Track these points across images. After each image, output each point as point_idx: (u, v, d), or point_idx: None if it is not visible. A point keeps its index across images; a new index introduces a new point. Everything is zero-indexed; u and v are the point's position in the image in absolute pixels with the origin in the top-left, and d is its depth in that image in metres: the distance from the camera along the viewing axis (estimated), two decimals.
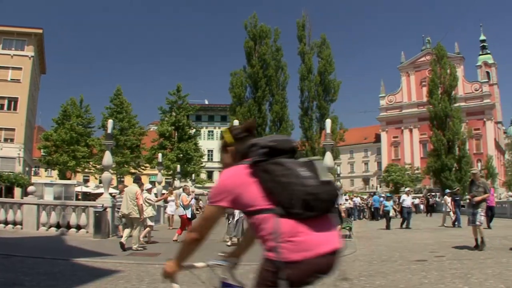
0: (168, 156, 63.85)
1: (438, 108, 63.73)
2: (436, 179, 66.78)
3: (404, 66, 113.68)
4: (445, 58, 67.13)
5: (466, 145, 68.68)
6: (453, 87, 66.13)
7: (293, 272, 2.77)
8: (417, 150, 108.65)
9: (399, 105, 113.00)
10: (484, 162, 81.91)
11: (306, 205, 2.83)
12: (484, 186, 14.67)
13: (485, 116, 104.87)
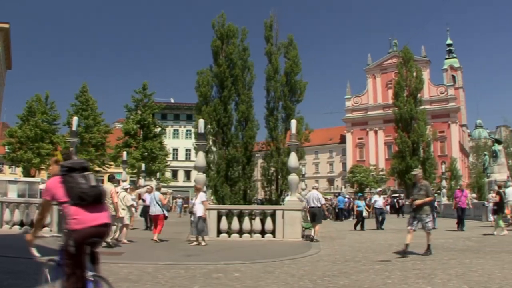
0: (133, 154, 63.51)
1: (403, 110, 64.26)
2: (400, 180, 67.36)
3: (371, 68, 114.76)
4: (412, 61, 67.70)
5: (431, 147, 69.30)
6: (419, 90, 66.72)
7: (76, 236, 5.18)
8: (382, 151, 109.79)
9: (364, 107, 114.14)
10: (448, 164, 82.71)
11: (81, 198, 5.27)
12: (426, 189, 13.93)
13: (450, 119, 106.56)
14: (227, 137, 26.38)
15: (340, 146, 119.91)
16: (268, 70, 28.05)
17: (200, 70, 27.95)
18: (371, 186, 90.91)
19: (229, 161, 25.44)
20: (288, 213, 20.11)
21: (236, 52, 27.66)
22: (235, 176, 25.41)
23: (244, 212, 20.52)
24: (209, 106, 26.50)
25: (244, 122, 26.82)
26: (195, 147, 22.35)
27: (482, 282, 9.13)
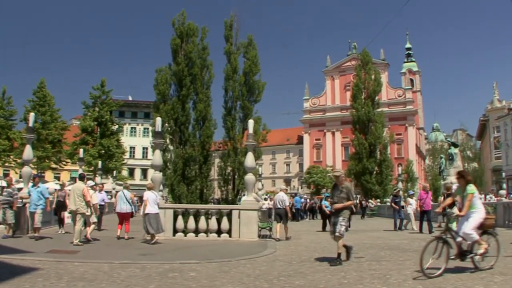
0: (90, 152, 62.90)
1: (361, 112, 64.82)
2: (357, 181, 67.89)
3: (329, 70, 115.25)
4: (370, 64, 68.34)
5: (388, 149, 69.99)
6: (377, 93, 67.35)
7: None
8: (339, 153, 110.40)
9: (322, 108, 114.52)
10: (405, 166, 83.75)
11: None
12: (348, 192, 12.78)
13: (407, 121, 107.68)
14: (184, 136, 26.28)
15: (298, 146, 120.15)
16: (227, 69, 28.02)
17: (159, 68, 27.83)
18: (328, 187, 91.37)
19: (186, 160, 25.35)
20: (245, 213, 20.09)
21: (196, 51, 27.58)
22: (192, 175, 25.35)
23: (200, 212, 20.44)
24: (167, 104, 26.38)
25: (202, 121, 26.76)
26: (152, 146, 22.29)
27: (437, 283, 9.23)
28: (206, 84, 27.67)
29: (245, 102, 27.75)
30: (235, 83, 27.73)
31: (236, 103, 27.97)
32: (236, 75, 28.11)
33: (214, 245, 17.72)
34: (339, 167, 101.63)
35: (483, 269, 10.17)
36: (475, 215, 10.17)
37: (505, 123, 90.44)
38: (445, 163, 43.56)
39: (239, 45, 28.92)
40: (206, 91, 27.35)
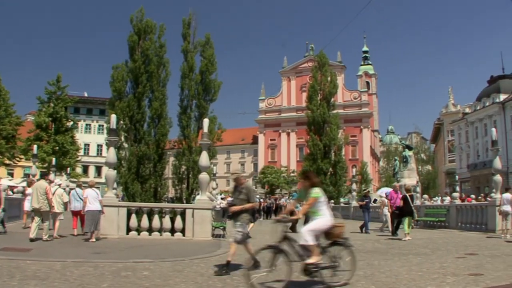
0: (44, 148, 62.05)
1: (316, 113, 64.90)
2: None
3: (286, 71, 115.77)
4: (327, 65, 68.45)
5: (342, 150, 70.34)
6: (333, 94, 67.52)
7: None
8: (294, 153, 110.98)
9: (278, 109, 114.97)
10: (359, 168, 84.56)
11: None
12: (248, 193, 11.85)
13: (363, 124, 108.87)
14: (139, 134, 26.08)
15: (252, 146, 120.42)
16: (183, 68, 27.95)
17: (116, 64, 27.56)
18: (282, 187, 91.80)
19: (140, 158, 25.18)
20: (198, 212, 20.11)
21: (153, 48, 27.43)
22: (146, 174, 25.19)
23: (154, 210, 20.41)
24: (123, 101, 26.15)
25: (157, 119, 26.62)
26: (107, 143, 22.05)
27: (390, 283, 9.40)
28: (162, 82, 27.53)
29: (201, 101, 27.71)
30: (191, 82, 27.68)
31: (192, 101, 27.91)
32: (193, 73, 28.07)
33: (167, 244, 17.73)
34: (294, 167, 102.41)
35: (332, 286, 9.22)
36: (319, 220, 9.19)
37: (460, 127, 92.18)
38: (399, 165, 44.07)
39: (197, 44, 28.87)
40: (162, 89, 27.21)
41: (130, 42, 27.46)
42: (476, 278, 9.80)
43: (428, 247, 16.78)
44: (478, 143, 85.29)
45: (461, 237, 21.16)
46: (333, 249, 9.38)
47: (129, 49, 27.62)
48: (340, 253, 9.42)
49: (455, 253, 14.36)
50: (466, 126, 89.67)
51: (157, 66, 27.21)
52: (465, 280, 9.64)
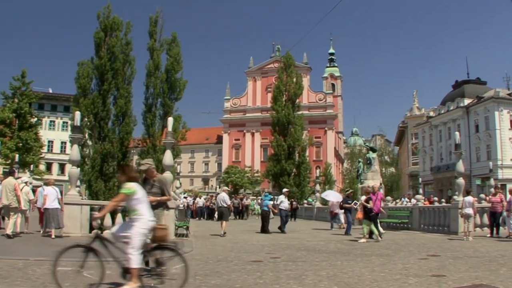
0: (7, 144, 61.15)
1: (281, 114, 64.98)
2: (275, 182, 68.20)
3: (252, 71, 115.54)
4: (293, 66, 68.57)
5: (306, 151, 70.55)
6: (298, 96, 67.65)
7: None
8: (258, 153, 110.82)
9: (243, 109, 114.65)
10: (323, 169, 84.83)
11: None
12: (162, 185, 10.54)
13: (327, 125, 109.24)
14: (103, 132, 25.91)
15: (217, 146, 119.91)
16: (149, 66, 27.90)
17: (81, 61, 27.36)
18: (246, 187, 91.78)
19: (104, 156, 25.02)
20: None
21: (119, 45, 27.28)
22: (109, 172, 25.03)
23: (117, 209, 20.25)
24: (88, 98, 25.98)
25: (122, 117, 26.48)
26: (71, 140, 21.81)
27: (352, 284, 9.39)
28: (128, 80, 27.39)
29: (166, 100, 27.69)
30: (156, 80, 27.65)
31: (157, 100, 27.89)
32: (158, 72, 28.06)
33: None
34: (258, 168, 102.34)
35: None
36: (137, 224, 8.02)
37: (423, 130, 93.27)
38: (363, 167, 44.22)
39: (163, 42, 28.85)
40: (127, 87, 27.07)
41: (96, 38, 27.27)
42: (439, 279, 9.86)
43: (390, 248, 16.84)
44: (442, 146, 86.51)
45: (424, 238, 21.30)
46: (158, 253, 8.45)
47: (95, 45, 27.43)
48: (168, 259, 8.56)
49: (417, 255, 14.47)
50: (430, 130, 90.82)
51: (123, 63, 27.05)
52: (428, 281, 9.69)
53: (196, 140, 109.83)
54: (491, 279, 9.74)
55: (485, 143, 74.19)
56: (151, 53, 28.06)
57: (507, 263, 12.27)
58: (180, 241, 18.30)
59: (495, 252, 14.85)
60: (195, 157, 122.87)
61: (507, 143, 70.54)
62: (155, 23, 28.57)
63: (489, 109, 73.56)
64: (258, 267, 11.63)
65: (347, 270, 11.15)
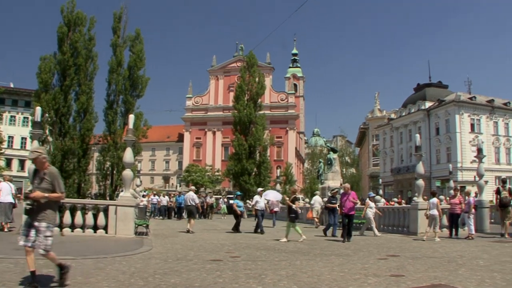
0: None
1: (243, 113, 65.12)
2: (235, 182, 68.32)
3: (215, 70, 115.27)
4: (255, 66, 68.82)
5: (267, 151, 70.87)
6: (260, 95, 67.87)
7: None
8: (219, 152, 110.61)
9: (205, 107, 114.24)
10: (284, 169, 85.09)
11: None
12: (53, 180, 8.66)
13: (288, 125, 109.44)
14: (64, 128, 25.68)
15: (178, 144, 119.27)
16: (111, 62, 27.69)
17: (44, 55, 27.08)
18: (207, 186, 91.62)
19: (65, 153, 24.79)
20: (121, 209, 19.84)
21: (82, 40, 27.09)
22: (70, 169, 24.84)
23: (77, 206, 20.09)
24: (49, 94, 25.73)
25: (83, 114, 26.31)
26: (31, 136, 21.54)
27: (312, 283, 9.41)
28: (90, 76, 27.21)
29: (128, 97, 27.53)
30: (119, 77, 27.46)
31: (119, 97, 27.70)
32: (121, 68, 27.85)
33: (90, 241, 17.49)
34: (219, 166, 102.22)
35: None
36: None
37: (384, 132, 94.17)
38: (323, 168, 44.45)
39: (126, 38, 28.65)
40: (89, 83, 26.89)
41: (60, 33, 27.00)
42: (398, 279, 9.96)
43: (350, 248, 16.93)
44: (402, 148, 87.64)
45: (383, 239, 21.44)
46: None
47: (58, 40, 27.16)
48: None
49: (377, 255, 14.58)
50: (391, 131, 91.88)
51: (86, 59, 26.87)
52: (387, 281, 9.78)
53: (157, 138, 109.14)
54: (450, 279, 9.87)
55: (445, 146, 75.45)
56: (114, 50, 27.83)
57: (466, 263, 12.43)
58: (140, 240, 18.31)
59: (454, 253, 15.04)
60: (156, 155, 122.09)
61: (467, 146, 71.68)
62: (119, 19, 28.35)
63: (450, 112, 74.84)
64: (217, 266, 11.60)
65: (306, 270, 11.18)
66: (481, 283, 9.40)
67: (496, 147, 75.76)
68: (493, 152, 74.71)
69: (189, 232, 23.40)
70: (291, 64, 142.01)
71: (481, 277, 10.13)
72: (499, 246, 17.49)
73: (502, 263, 12.47)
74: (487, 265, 12.13)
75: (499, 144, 76.03)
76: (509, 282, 9.51)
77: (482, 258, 13.55)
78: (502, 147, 76.44)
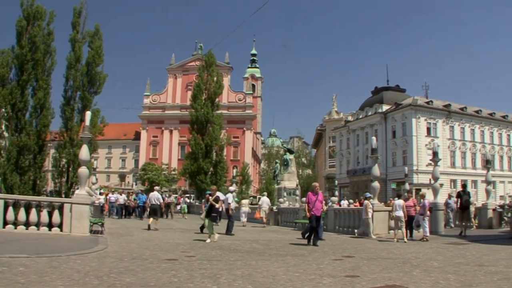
0: None
1: (200, 113, 64.96)
2: (191, 181, 68.12)
3: (173, 68, 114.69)
4: (214, 65, 68.71)
5: (224, 151, 70.84)
6: (218, 95, 67.84)
7: None
8: (176, 151, 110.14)
9: (162, 106, 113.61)
10: (240, 169, 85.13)
11: None
12: None
13: (246, 125, 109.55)
14: (20, 123, 25.38)
15: (134, 142, 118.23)
16: (70, 58, 27.46)
17: (1, 49, 26.69)
18: (163, 185, 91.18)
19: (20, 149, 24.45)
20: (77, 207, 19.55)
21: (41, 35, 26.78)
22: (25, 165, 24.53)
23: (32, 203, 19.78)
24: (6, 88, 25.39)
25: (40, 109, 26.03)
26: None
27: (267, 283, 9.42)
28: (48, 71, 26.93)
29: (85, 93, 27.36)
30: (77, 73, 27.26)
31: (76, 93, 27.49)
32: (79, 64, 27.61)
33: (44, 239, 17.22)
34: (175, 165, 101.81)
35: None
36: None
37: (341, 134, 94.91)
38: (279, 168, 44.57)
39: (85, 34, 28.45)
40: (47, 78, 26.62)
41: (19, 27, 26.67)
42: (353, 279, 10.01)
43: (305, 249, 16.97)
44: (359, 150, 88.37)
45: (339, 240, 21.52)
46: None
47: (16, 34, 26.81)
48: None
49: (332, 255, 14.67)
50: (347, 133, 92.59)
51: (44, 54, 26.60)
52: (342, 281, 9.83)
53: (114, 135, 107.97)
54: (405, 280, 9.99)
55: (402, 149, 76.41)
56: (73, 45, 27.60)
57: (420, 265, 12.58)
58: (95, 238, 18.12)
59: (408, 254, 15.20)
60: (113, 153, 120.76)
61: (423, 150, 72.69)
62: (78, 14, 28.12)
63: (407, 116, 75.67)
64: (173, 266, 11.54)
65: (262, 270, 11.19)
66: (435, 284, 9.55)
67: (451, 151, 77.02)
68: (448, 156, 75.92)
69: (150, 229, 23.75)
70: (250, 65, 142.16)
71: (435, 278, 10.26)
72: (453, 248, 17.71)
73: (456, 264, 12.64)
74: (441, 266, 12.30)
75: (454, 148, 77.32)
76: (462, 283, 9.65)
77: (437, 260, 13.73)
78: (457, 151, 77.81)
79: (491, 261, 13.42)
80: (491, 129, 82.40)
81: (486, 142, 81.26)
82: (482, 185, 57.19)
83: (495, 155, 79.99)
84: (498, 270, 11.62)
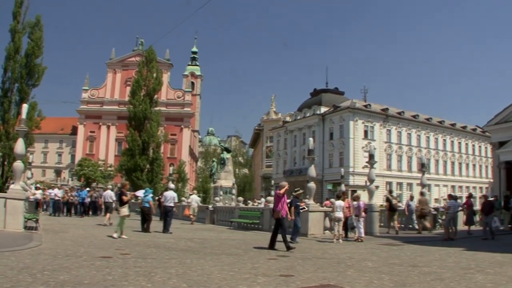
0: None
1: (138, 109, 64.46)
2: (127, 178, 67.57)
3: (113, 63, 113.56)
4: (154, 62, 68.29)
5: (161, 148, 70.56)
6: (157, 91, 67.51)
7: None
8: (113, 147, 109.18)
9: (101, 101, 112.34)
10: (177, 166, 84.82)
11: None
12: None
13: (184, 123, 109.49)
14: None
15: (71, 137, 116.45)
16: (9, 48, 26.89)
17: None
18: (99, 181, 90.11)
19: None
20: (11, 202, 19.16)
21: None
22: None
23: None
24: None
25: None
26: None
27: (202, 282, 9.49)
28: None
29: (23, 85, 26.89)
30: (15, 64, 26.78)
31: (14, 85, 26.95)
32: (18, 55, 27.08)
33: None
34: (112, 162, 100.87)
35: None
36: None
37: (279, 134, 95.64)
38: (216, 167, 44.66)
39: (26, 25, 27.91)
40: None
41: None
42: (287, 279, 10.15)
43: (241, 248, 17.18)
44: (296, 151, 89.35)
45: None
46: None
47: None
48: None
49: (267, 255, 14.77)
50: (285, 134, 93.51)
51: None
52: (276, 280, 9.93)
53: (50, 129, 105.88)
54: (339, 279, 10.15)
55: (339, 151, 77.81)
56: (13, 35, 27.04)
57: (355, 265, 12.83)
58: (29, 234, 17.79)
59: (343, 255, 15.44)
60: (49, 147, 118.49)
61: (360, 152, 74.30)
62: (20, 3, 27.55)
63: (345, 118, 77.12)
64: (107, 263, 11.50)
65: (196, 268, 11.25)
66: (369, 284, 9.74)
67: (388, 154, 79.11)
68: (385, 159, 77.95)
69: (106, 225, 25.06)
70: (190, 62, 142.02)
71: (369, 278, 10.48)
72: (388, 248, 18.11)
73: (390, 265, 12.94)
74: (376, 266, 12.54)
75: (391, 151, 79.46)
76: (396, 283, 9.88)
77: (371, 260, 13.99)
78: (394, 154, 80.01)
79: (425, 262, 13.76)
80: (428, 134, 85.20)
81: (422, 146, 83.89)
82: (417, 188, 58.46)
83: (431, 159, 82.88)
84: (432, 270, 11.92)
